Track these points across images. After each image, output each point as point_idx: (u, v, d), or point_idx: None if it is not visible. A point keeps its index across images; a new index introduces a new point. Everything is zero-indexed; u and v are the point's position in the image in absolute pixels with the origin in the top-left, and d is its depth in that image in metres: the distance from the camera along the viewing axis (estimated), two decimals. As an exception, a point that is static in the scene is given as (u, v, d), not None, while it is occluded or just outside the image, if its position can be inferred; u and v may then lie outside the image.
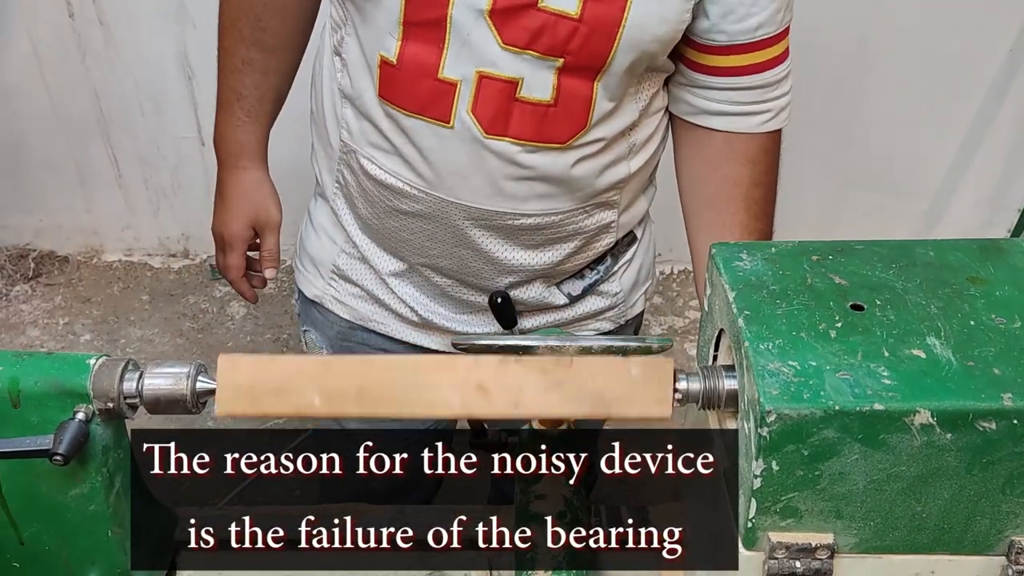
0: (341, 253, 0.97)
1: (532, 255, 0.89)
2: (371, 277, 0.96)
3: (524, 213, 0.85)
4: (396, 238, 0.90)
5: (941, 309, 0.60)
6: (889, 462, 0.55)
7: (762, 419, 0.55)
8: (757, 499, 0.57)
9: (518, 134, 0.80)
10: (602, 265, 0.95)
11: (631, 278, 0.99)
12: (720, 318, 0.66)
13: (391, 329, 0.97)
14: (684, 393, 0.65)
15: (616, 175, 0.87)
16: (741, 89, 0.85)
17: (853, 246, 0.68)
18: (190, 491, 1.74)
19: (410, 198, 0.86)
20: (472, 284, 0.92)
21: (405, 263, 0.93)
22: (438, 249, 0.89)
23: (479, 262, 0.89)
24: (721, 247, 0.68)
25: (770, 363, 0.57)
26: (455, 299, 0.94)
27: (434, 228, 0.87)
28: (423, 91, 0.80)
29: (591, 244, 0.92)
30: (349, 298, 0.98)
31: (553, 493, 0.77)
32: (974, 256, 0.65)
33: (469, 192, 0.83)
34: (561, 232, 0.88)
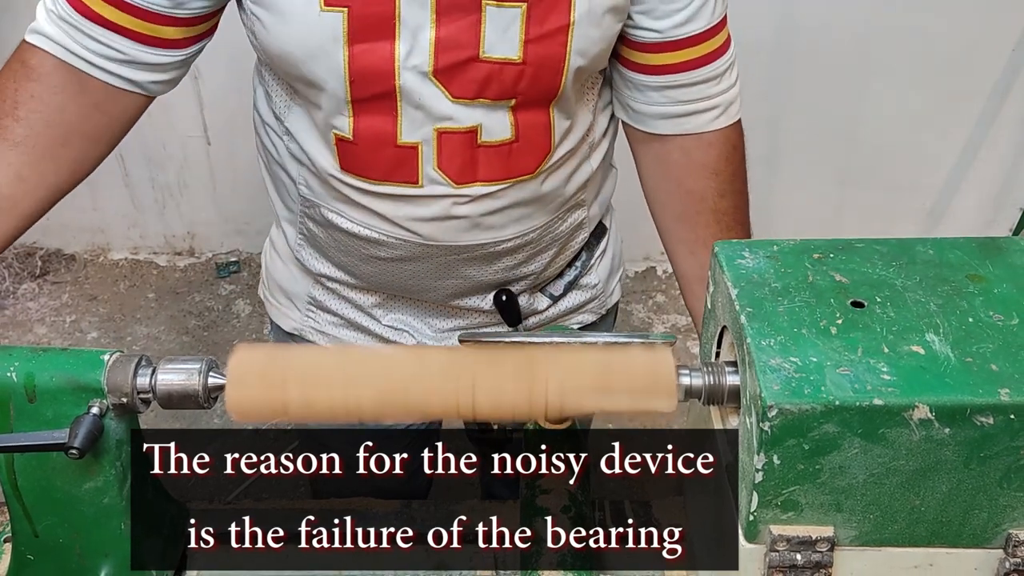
0: (316, 285, 0.95)
1: (514, 271, 0.90)
2: (351, 308, 0.95)
3: (503, 239, 0.86)
4: (375, 281, 0.89)
5: (940, 306, 0.61)
6: (888, 456, 0.56)
7: (764, 414, 0.56)
8: (759, 492, 0.58)
9: (488, 176, 0.80)
10: (579, 261, 0.96)
11: (606, 267, 1.00)
12: (723, 315, 0.67)
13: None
14: (687, 388, 0.66)
15: (581, 177, 0.88)
16: (681, 87, 0.83)
17: (854, 244, 0.69)
18: (195, 490, 1.76)
19: (387, 246, 0.85)
20: (460, 306, 0.93)
21: (385, 295, 0.93)
22: (418, 284, 0.89)
23: (463, 288, 0.90)
24: (724, 245, 0.69)
25: (772, 359, 0.58)
26: (443, 318, 0.95)
27: (415, 267, 0.87)
28: (385, 159, 0.79)
29: (568, 245, 0.93)
30: (331, 328, 0.97)
31: (558, 488, 0.78)
32: (973, 254, 0.66)
33: (447, 233, 0.83)
34: (540, 244, 0.89)
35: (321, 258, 0.92)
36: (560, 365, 0.65)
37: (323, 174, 0.83)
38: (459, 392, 0.65)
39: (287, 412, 0.64)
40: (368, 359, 0.65)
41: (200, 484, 1.82)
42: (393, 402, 0.64)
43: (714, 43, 0.83)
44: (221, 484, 1.74)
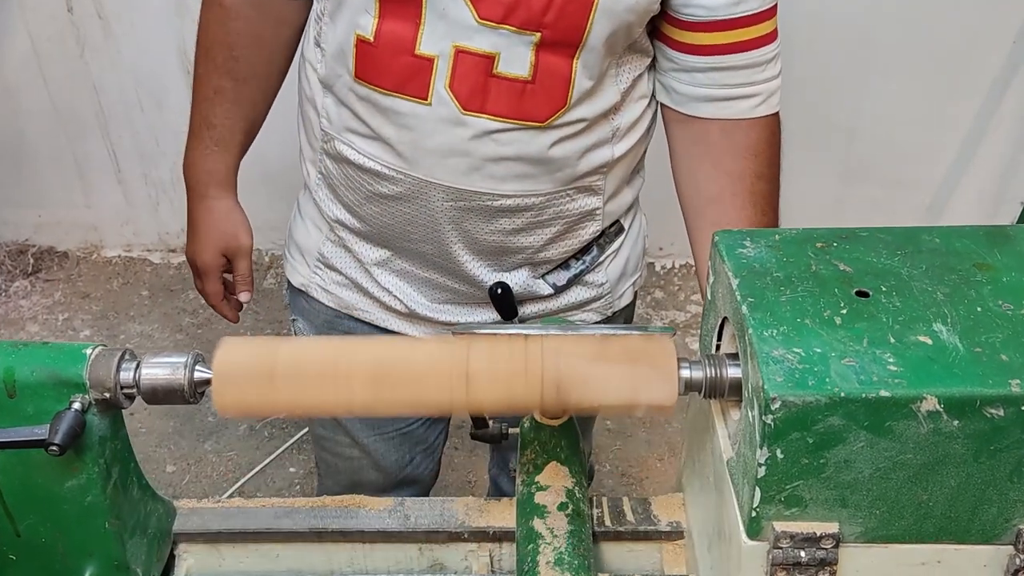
0: (326, 241, 0.96)
1: (513, 238, 0.88)
2: (355, 266, 0.96)
3: (503, 194, 0.84)
4: (378, 224, 0.89)
5: (947, 295, 0.60)
6: (895, 450, 0.55)
7: (766, 406, 0.54)
8: (761, 488, 0.57)
9: (496, 111, 0.79)
10: (588, 255, 0.94)
11: (618, 269, 0.98)
12: (723, 306, 0.66)
13: (376, 318, 0.97)
14: (687, 381, 0.64)
15: (598, 159, 0.86)
16: (726, 69, 0.83)
17: (858, 233, 0.67)
18: (190, 487, 1.74)
19: (389, 180, 0.85)
20: (455, 272, 0.91)
21: (388, 251, 0.93)
22: (419, 233, 0.88)
23: (460, 246, 0.88)
24: (724, 234, 0.68)
25: (774, 350, 0.56)
26: (439, 288, 0.93)
27: (414, 211, 0.86)
28: (400, 68, 0.79)
29: (574, 231, 0.91)
30: (334, 286, 0.98)
31: (555, 484, 0.76)
32: (980, 242, 0.65)
33: (447, 172, 0.82)
34: (543, 215, 0.87)
35: (335, 200, 0.93)
36: (557, 351, 0.63)
37: (340, 90, 0.85)
38: (452, 382, 0.63)
39: (276, 407, 0.62)
40: (359, 350, 0.63)
41: (193, 481, 1.80)
42: (385, 394, 0.63)
43: (764, 28, 0.83)
44: (215, 482, 1.72)
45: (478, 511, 0.80)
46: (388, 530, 0.78)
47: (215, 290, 1.03)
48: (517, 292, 0.92)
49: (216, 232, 0.99)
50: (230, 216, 1.00)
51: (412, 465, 1.08)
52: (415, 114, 0.81)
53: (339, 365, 0.62)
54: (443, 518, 0.79)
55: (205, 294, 1.04)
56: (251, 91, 0.94)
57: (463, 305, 0.95)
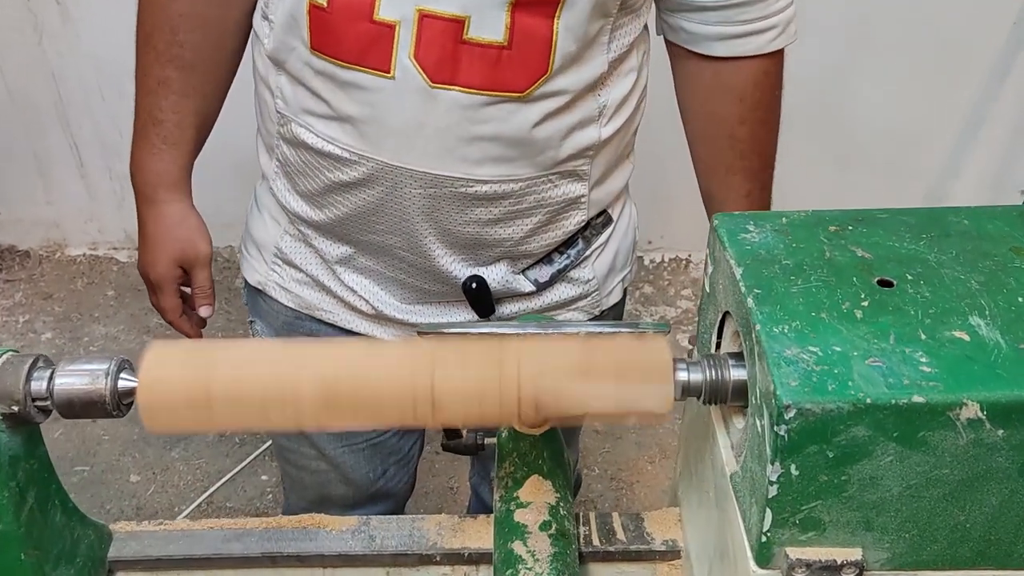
0: (284, 235, 0.88)
1: (490, 229, 0.80)
2: (316, 262, 0.87)
3: (479, 179, 0.76)
4: (340, 216, 0.81)
5: (983, 284, 0.52)
6: (929, 464, 0.47)
7: (779, 415, 0.46)
8: (773, 509, 0.49)
9: (468, 82, 0.71)
10: (573, 249, 0.86)
11: (606, 264, 0.89)
12: (724, 299, 0.58)
13: (340, 319, 0.88)
14: (685, 385, 0.56)
15: (584, 140, 0.78)
16: (738, 6, 0.77)
17: (875, 215, 0.59)
18: (155, 498, 1.65)
19: (350, 165, 0.76)
20: (426, 268, 0.82)
21: (352, 246, 0.84)
22: (386, 225, 0.80)
23: (431, 239, 0.80)
24: (724, 218, 0.60)
25: (787, 349, 0.48)
26: (409, 287, 0.85)
27: (379, 199, 0.77)
28: (358, 36, 0.71)
29: (558, 221, 0.82)
30: (293, 284, 0.89)
31: (536, 500, 0.68)
32: (1016, 225, 0.57)
33: (415, 155, 0.74)
34: (522, 203, 0.79)
35: (293, 190, 0.84)
36: (534, 357, 0.55)
37: (294, 66, 0.76)
38: (416, 391, 0.55)
39: (211, 419, 0.54)
40: (307, 363, 0.55)
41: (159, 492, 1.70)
42: (338, 405, 0.54)
43: None
44: (181, 494, 1.63)
45: (452, 530, 0.72)
46: (351, 553, 0.70)
47: (172, 305, 0.92)
48: (495, 289, 0.83)
49: (170, 240, 0.89)
50: (185, 222, 0.89)
51: (385, 478, 0.99)
52: (377, 89, 0.72)
53: (284, 383, 0.53)
54: (412, 539, 0.71)
55: (161, 310, 0.94)
56: (200, 80, 0.84)
57: (436, 305, 0.86)
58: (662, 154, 1.68)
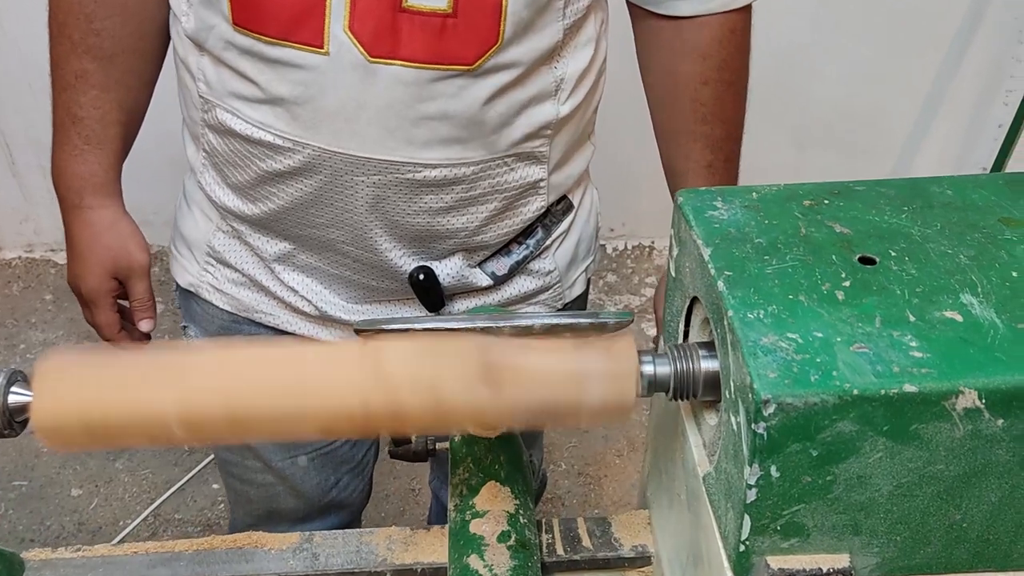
0: (216, 232, 0.80)
1: (442, 219, 0.73)
2: (252, 261, 0.80)
3: (427, 163, 0.69)
4: (276, 209, 0.74)
5: (973, 259, 0.48)
6: (922, 460, 0.42)
7: (757, 411, 0.41)
8: (751, 515, 0.44)
9: (410, 55, 0.64)
10: (532, 238, 0.80)
11: (568, 253, 0.84)
12: (692, 283, 0.53)
13: (281, 321, 0.81)
14: (651, 379, 0.51)
15: (541, 117, 0.72)
16: None
17: (852, 187, 0.55)
18: (99, 512, 1.56)
19: (283, 153, 0.70)
20: (374, 264, 0.76)
21: (291, 242, 0.77)
22: (326, 217, 0.73)
23: (378, 232, 0.73)
24: (689, 194, 0.55)
25: (763, 337, 0.43)
26: (355, 285, 0.78)
27: (318, 189, 0.71)
28: (285, 7, 0.64)
29: (515, 208, 0.76)
30: (228, 285, 0.82)
31: (494, 509, 0.63)
32: (1003, 193, 0.53)
33: (356, 139, 0.67)
34: (476, 189, 0.73)
35: (223, 184, 0.77)
36: (483, 344, 0.49)
37: (216, 45, 0.69)
38: (347, 402, 0.49)
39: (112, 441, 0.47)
40: (225, 361, 0.48)
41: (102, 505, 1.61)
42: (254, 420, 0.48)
43: None
44: (124, 509, 1.55)
45: (403, 544, 0.66)
46: (292, 574, 0.64)
47: (108, 321, 0.83)
48: (450, 285, 0.77)
49: (100, 250, 0.80)
50: (115, 228, 0.80)
51: (338, 488, 0.92)
52: (310, 66, 0.65)
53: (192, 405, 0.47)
54: (360, 555, 0.65)
55: (96, 327, 0.84)
56: (121, 72, 0.76)
57: (386, 303, 0.80)
58: (623, 138, 1.64)
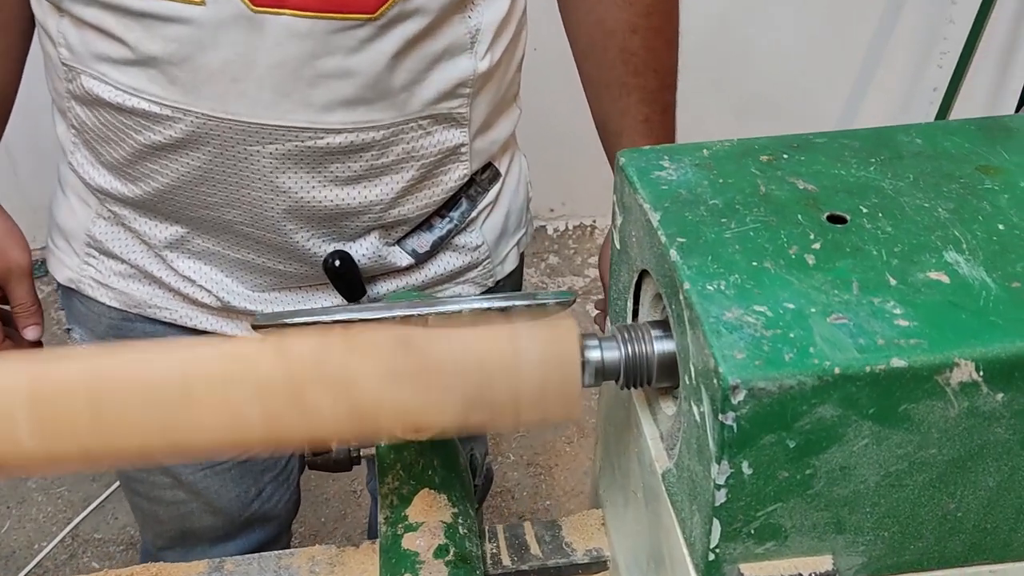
0: (96, 219, 0.71)
1: (352, 191, 0.65)
2: (139, 249, 0.71)
3: (329, 128, 0.61)
4: (160, 189, 0.65)
5: (953, 212, 0.42)
6: (913, 445, 0.37)
7: (725, 399, 0.35)
8: (722, 519, 0.38)
9: (303, 4, 0.56)
10: (456, 210, 0.72)
11: (496, 226, 0.76)
12: (640, 254, 0.46)
13: (179, 315, 0.73)
14: (597, 367, 0.45)
15: (456, 74, 0.64)
16: None
17: (812, 140, 0.49)
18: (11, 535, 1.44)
19: (162, 123, 0.61)
20: (279, 246, 0.68)
21: (182, 226, 0.68)
22: (219, 196, 0.64)
23: (280, 209, 0.65)
24: (632, 154, 0.48)
25: (726, 311, 0.37)
26: (261, 270, 0.70)
27: (206, 164, 0.62)
28: None
29: (435, 177, 0.69)
30: (115, 279, 0.72)
31: (429, 520, 0.56)
32: (977, 140, 0.48)
33: (244, 102, 0.59)
34: (388, 156, 0.64)
35: (96, 163, 0.68)
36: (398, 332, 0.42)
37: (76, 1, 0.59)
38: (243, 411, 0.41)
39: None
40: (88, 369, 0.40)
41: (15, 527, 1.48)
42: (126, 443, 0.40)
43: None
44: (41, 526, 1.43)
45: (328, 565, 0.58)
46: (202, 608, 0.56)
47: None
48: (367, 265, 0.69)
49: None
50: None
51: (261, 499, 0.84)
52: (185, 19, 0.56)
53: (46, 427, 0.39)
54: (279, 581, 0.57)
55: None
56: None
57: (297, 290, 0.71)
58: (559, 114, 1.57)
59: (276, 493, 0.85)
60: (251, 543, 0.85)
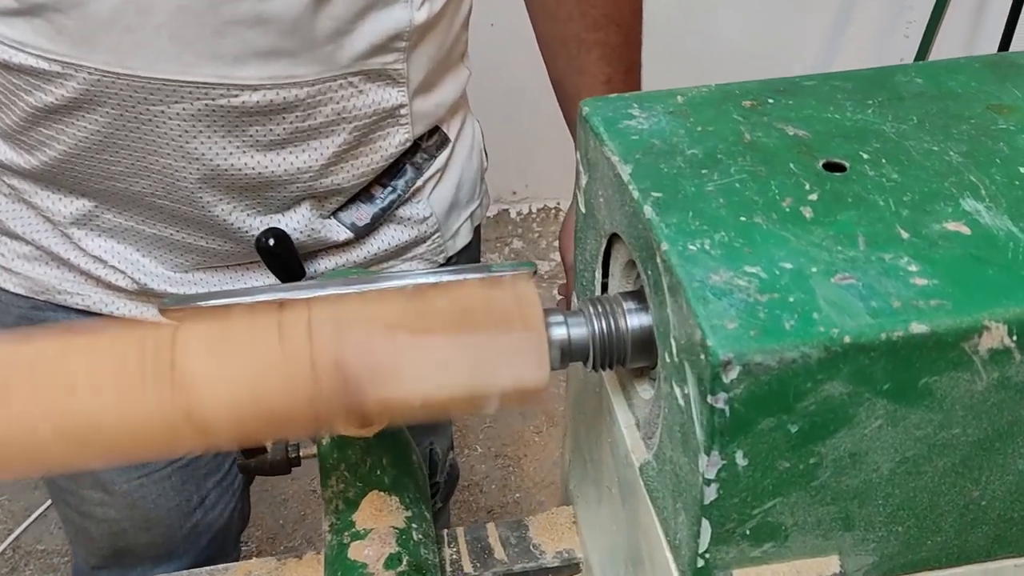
0: None
1: (276, 158, 0.58)
2: (43, 227, 0.63)
3: (243, 84, 0.53)
4: (59, 157, 0.57)
5: (967, 156, 0.37)
6: (934, 424, 0.31)
7: (715, 378, 0.29)
8: (712, 519, 0.32)
9: None
10: (399, 179, 0.65)
11: (446, 197, 0.69)
12: (609, 216, 0.40)
13: (93, 301, 0.65)
14: (563, 345, 0.39)
15: (390, 24, 0.57)
16: None
17: (800, 83, 0.43)
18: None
19: (52, 81, 0.53)
20: (200, 221, 0.61)
21: (89, 200, 0.61)
22: (125, 164, 0.57)
23: (196, 179, 0.57)
24: (597, 103, 0.42)
25: (713, 274, 0.31)
26: (181, 248, 0.63)
27: (107, 127, 0.55)
28: None
29: (372, 142, 0.61)
30: (19, 262, 0.65)
31: (378, 526, 0.49)
32: (984, 78, 0.42)
33: (141, 54, 0.51)
34: (315, 117, 0.57)
35: None
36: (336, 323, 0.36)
37: None
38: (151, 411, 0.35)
39: None
40: None
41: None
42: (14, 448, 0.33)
43: None
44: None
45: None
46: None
47: None
48: (300, 241, 0.62)
49: None
50: None
51: (204, 508, 0.76)
52: None
53: None
54: (213, 600, 0.51)
55: None
56: None
57: (225, 270, 0.64)
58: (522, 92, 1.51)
59: (221, 500, 0.78)
60: (195, 559, 0.77)
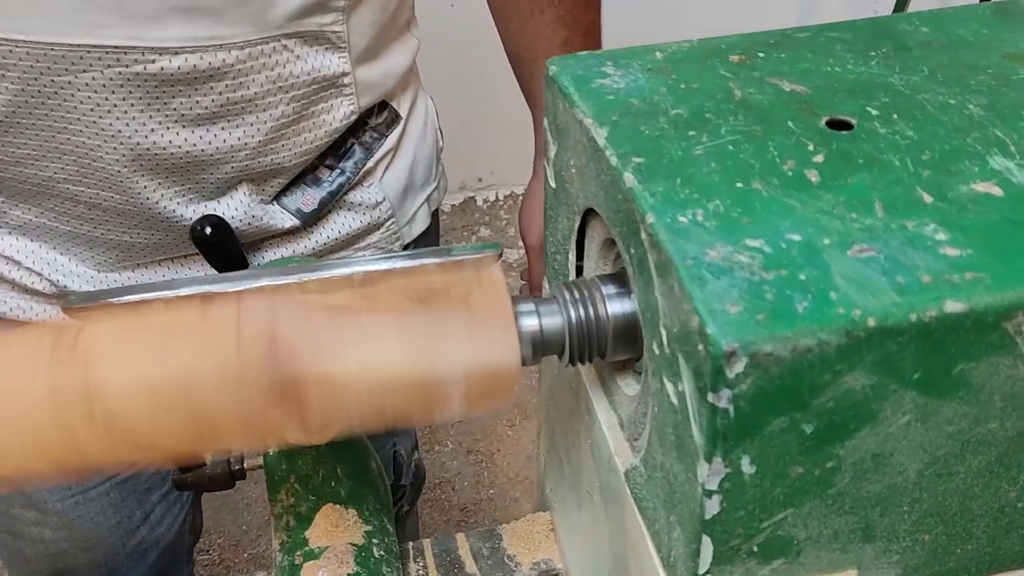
0: None
1: (205, 134, 0.52)
2: None
3: (159, 47, 0.47)
4: None
5: (989, 108, 0.32)
6: (969, 419, 0.27)
7: (717, 373, 0.24)
8: (714, 535, 0.27)
9: None
10: (347, 160, 0.59)
11: (400, 179, 0.64)
12: (583, 189, 0.35)
13: (9, 307, 0.58)
14: (534, 338, 0.34)
15: None
16: None
17: (792, 35, 0.38)
18: None
19: None
20: (125, 211, 0.54)
21: (4, 190, 0.54)
22: (31, 145, 0.51)
23: (116, 160, 0.51)
24: (565, 61, 0.37)
25: (709, 249, 0.27)
26: (106, 244, 0.56)
27: (9, 104, 0.48)
28: None
29: (313, 116, 0.55)
30: None
31: (335, 543, 0.44)
32: (996, 26, 0.38)
33: (37, 15, 0.45)
34: (247, 87, 0.51)
35: None
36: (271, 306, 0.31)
37: None
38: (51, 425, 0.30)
39: None
40: None
41: None
42: None
43: None
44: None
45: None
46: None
47: None
48: (240, 230, 0.56)
49: None
50: None
51: (148, 524, 0.70)
52: None
53: None
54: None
55: None
56: None
57: (157, 266, 0.58)
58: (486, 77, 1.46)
59: (168, 515, 0.72)
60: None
